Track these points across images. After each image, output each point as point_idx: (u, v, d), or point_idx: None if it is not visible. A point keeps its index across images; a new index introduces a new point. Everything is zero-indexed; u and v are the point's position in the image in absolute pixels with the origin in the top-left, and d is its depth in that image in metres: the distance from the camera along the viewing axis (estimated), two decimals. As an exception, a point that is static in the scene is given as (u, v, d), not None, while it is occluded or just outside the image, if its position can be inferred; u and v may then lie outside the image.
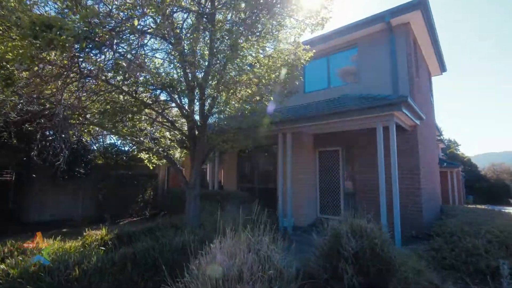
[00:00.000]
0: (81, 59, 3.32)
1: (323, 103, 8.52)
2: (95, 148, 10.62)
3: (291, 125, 7.58)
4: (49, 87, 3.96)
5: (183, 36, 4.34)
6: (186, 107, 5.27)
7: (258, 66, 4.96)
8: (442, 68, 11.66)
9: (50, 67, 3.58)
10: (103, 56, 3.39)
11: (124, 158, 11.25)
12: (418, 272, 3.48)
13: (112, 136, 11.74)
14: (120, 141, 11.84)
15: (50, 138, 7.79)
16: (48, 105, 4.50)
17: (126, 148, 11.86)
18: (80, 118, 4.86)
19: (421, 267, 3.57)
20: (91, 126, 5.48)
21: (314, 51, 5.80)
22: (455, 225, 5.38)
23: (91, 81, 4.25)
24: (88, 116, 4.96)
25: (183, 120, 5.73)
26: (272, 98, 5.08)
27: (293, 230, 7.53)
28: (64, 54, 3.04)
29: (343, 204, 8.69)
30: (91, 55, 3.03)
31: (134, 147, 12.04)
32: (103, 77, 3.90)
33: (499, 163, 36.23)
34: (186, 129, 5.68)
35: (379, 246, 3.09)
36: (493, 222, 5.45)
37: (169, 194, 9.90)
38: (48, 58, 3.19)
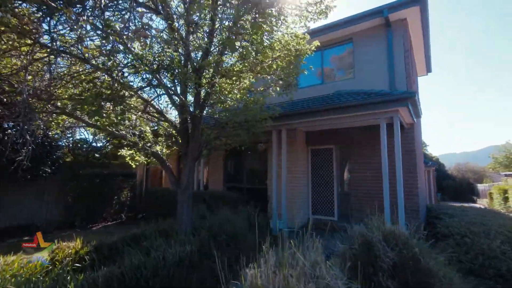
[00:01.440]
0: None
1: (318, 99, 8.14)
2: (64, 143, 9.43)
3: (289, 121, 7.09)
4: (7, 62, 3.11)
5: (178, 10, 3.65)
6: (176, 97, 4.58)
7: (262, 51, 4.39)
8: (428, 69, 11.83)
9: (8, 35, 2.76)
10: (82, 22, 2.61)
11: (97, 155, 10.13)
12: (451, 280, 3.13)
13: (84, 130, 10.55)
14: (92, 136, 10.69)
15: (10, 131, 6.65)
16: (6, 88, 3.61)
17: (99, 144, 10.74)
18: (48, 106, 3.99)
19: (453, 275, 3.23)
20: (62, 116, 4.59)
21: (318, 42, 5.37)
22: (461, 225, 5.20)
23: (65, 59, 3.44)
24: (58, 104, 4.10)
25: (171, 113, 5.01)
26: (278, 88, 4.54)
27: (288, 232, 7.07)
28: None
29: (337, 204, 8.39)
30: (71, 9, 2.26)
31: (108, 143, 10.94)
32: (82, 53, 3.12)
33: (464, 162, 38.64)
34: (171, 121, 4.98)
35: (420, 255, 2.68)
36: (496, 222, 5.35)
37: (150, 195, 9.02)
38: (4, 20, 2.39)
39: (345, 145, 8.49)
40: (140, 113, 4.69)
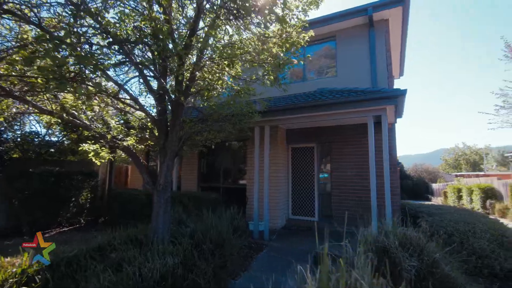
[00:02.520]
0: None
1: (301, 96, 7.87)
2: (9, 136, 8.05)
3: (274, 117, 6.69)
4: None
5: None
6: (155, 79, 3.93)
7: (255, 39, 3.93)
8: (401, 72, 12.25)
9: None
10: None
11: (52, 150, 8.83)
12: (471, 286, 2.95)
13: (36, 121, 9.10)
14: (46, 129, 9.31)
15: None
16: None
17: (54, 139, 9.40)
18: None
19: (462, 278, 3.05)
20: (6, 101, 3.69)
21: (312, 32, 5.04)
22: (446, 224, 5.21)
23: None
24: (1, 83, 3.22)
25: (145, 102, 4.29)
26: (272, 77, 4.09)
27: (269, 234, 6.67)
28: None
29: (318, 204, 8.21)
30: None
31: (65, 137, 9.64)
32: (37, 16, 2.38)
33: (421, 163, 41.65)
34: (147, 110, 4.29)
35: (442, 261, 2.43)
36: (477, 220, 5.46)
37: (115, 196, 8.03)
38: None
39: (327, 144, 8.34)
40: (109, 100, 3.94)
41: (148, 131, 4.50)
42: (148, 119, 4.24)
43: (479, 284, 3.50)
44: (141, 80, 3.79)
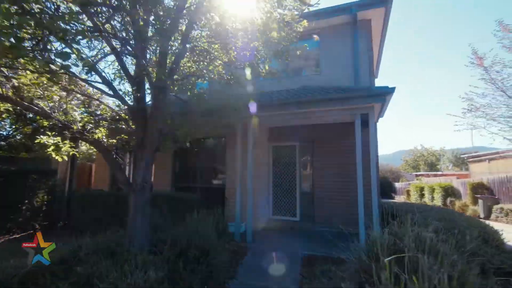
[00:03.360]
0: None
1: (284, 92, 7.63)
2: None
3: (259, 113, 6.34)
4: None
5: None
6: (133, 57, 3.38)
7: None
8: (376, 74, 12.59)
9: None
10: None
11: (3, 144, 7.64)
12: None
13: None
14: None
15: None
16: None
17: (3, 132, 8.16)
18: None
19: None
20: None
21: (305, 22, 4.79)
22: (431, 222, 5.24)
23: None
24: None
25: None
26: (266, 67, 3.74)
27: (252, 236, 6.32)
28: None
29: (299, 204, 8.03)
30: None
31: (17, 130, 8.43)
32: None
33: (385, 163, 44.05)
34: (122, 97, 3.70)
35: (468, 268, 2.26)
36: (458, 218, 5.58)
37: (77, 198, 7.14)
38: None
39: (309, 142, 8.20)
40: (74, 86, 3.30)
41: (122, 122, 3.91)
42: (123, 109, 3.66)
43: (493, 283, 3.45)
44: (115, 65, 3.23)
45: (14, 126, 8.11)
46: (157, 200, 6.08)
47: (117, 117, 3.99)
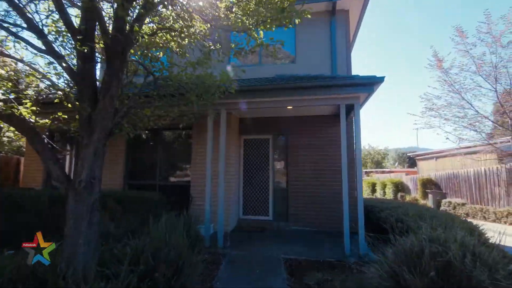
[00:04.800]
0: None
1: (258, 80, 6.92)
2: None
3: (234, 100, 5.52)
4: None
5: None
6: None
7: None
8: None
9: None
10: None
11: None
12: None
13: None
14: None
15: None
16: None
17: None
18: None
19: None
20: None
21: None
22: (411, 219, 5.03)
23: None
24: None
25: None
26: (274, 24, 3.01)
27: (224, 239, 5.51)
28: None
29: (272, 202, 7.44)
30: None
31: None
32: None
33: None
34: (61, 55, 2.58)
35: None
36: (431, 213, 5.49)
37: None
38: None
39: (284, 135, 7.64)
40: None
41: (61, 94, 2.77)
42: (68, 72, 2.56)
43: None
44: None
45: None
46: (108, 200, 4.89)
47: (53, 89, 2.82)
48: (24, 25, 2.25)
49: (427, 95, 10.74)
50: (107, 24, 2.60)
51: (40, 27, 2.33)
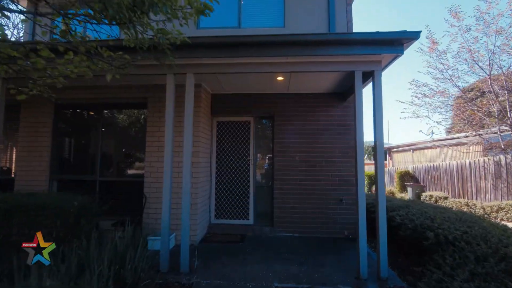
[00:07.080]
0: None
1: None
2: None
3: (207, 58, 3.78)
4: None
5: None
6: None
7: None
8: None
9: None
10: None
11: None
12: None
13: None
14: None
15: None
16: None
17: None
18: None
19: None
20: None
21: None
22: (440, 220, 3.82)
23: None
24: None
25: None
26: None
27: (189, 257, 3.82)
28: None
29: (253, 201, 5.87)
30: None
31: None
32: None
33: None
34: None
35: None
36: (451, 213, 4.38)
37: None
38: None
39: (269, 118, 6.08)
40: None
41: None
42: None
43: None
44: None
45: None
46: (22, 209, 2.92)
47: None
48: None
49: (416, 82, 9.91)
50: None
51: None
